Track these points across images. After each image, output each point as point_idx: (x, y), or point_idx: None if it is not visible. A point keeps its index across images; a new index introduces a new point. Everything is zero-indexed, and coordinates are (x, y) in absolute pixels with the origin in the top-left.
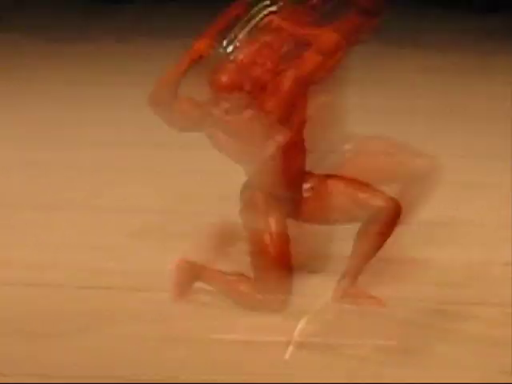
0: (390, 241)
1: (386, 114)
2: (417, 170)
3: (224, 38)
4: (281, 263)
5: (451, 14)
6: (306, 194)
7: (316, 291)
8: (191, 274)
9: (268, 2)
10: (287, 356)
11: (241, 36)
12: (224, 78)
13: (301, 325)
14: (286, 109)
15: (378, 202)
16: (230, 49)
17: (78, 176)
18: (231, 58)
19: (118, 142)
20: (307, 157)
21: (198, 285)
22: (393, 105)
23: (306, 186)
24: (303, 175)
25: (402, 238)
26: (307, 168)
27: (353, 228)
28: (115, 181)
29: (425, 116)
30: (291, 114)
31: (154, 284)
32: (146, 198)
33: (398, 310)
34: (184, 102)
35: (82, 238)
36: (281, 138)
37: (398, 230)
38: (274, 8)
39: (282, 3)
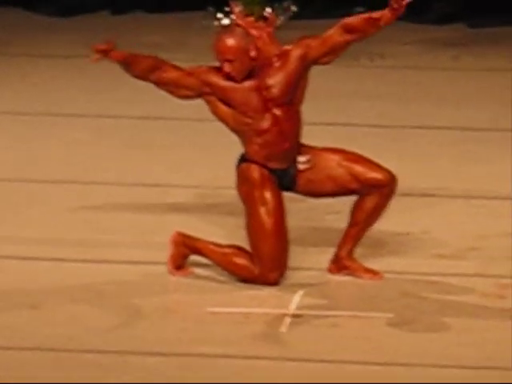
0: (386, 213)
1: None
2: (374, 183)
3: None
4: (277, 236)
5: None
6: (302, 167)
7: (312, 264)
8: (187, 247)
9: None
10: (284, 328)
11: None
12: (230, 42)
13: (297, 297)
14: (288, 86)
15: (374, 175)
16: (226, 21)
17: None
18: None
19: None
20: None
21: (194, 258)
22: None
23: (302, 158)
24: (299, 148)
25: (399, 211)
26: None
27: (349, 200)
28: (111, 154)
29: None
30: (292, 91)
31: (150, 257)
32: (142, 170)
33: (394, 283)
34: (173, 70)
35: (77, 212)
36: (278, 111)
37: (395, 203)
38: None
39: (235, 15)
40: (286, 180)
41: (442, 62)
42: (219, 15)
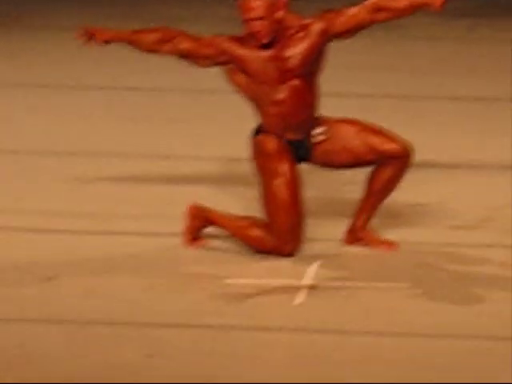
0: (402, 184)
1: (359, 96)
2: (390, 154)
3: None
4: (293, 208)
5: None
6: (318, 138)
7: (328, 235)
8: (202, 219)
9: None
10: (300, 299)
11: None
12: (255, 2)
13: (313, 269)
14: (306, 59)
15: (390, 146)
16: None
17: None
18: None
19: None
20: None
21: (210, 229)
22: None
23: (318, 130)
24: (315, 119)
25: (414, 182)
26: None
27: (364, 172)
28: (125, 127)
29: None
30: (310, 64)
31: (166, 229)
32: (156, 142)
33: (410, 254)
34: (187, 41)
35: (92, 184)
36: (295, 82)
37: (410, 174)
38: None
39: None
40: (302, 151)
41: (456, 33)
42: None
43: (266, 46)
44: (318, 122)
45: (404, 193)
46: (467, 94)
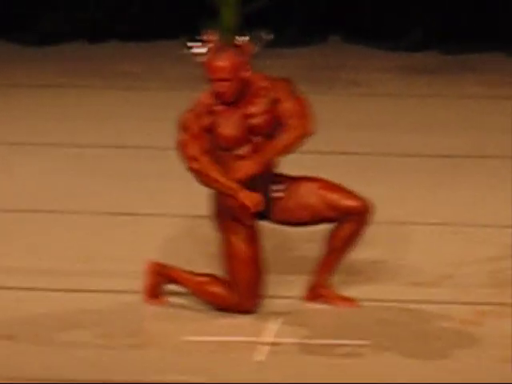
0: (362, 241)
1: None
2: (349, 210)
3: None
4: (253, 265)
5: (379, 51)
6: (277, 195)
7: (289, 292)
8: (162, 276)
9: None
10: (261, 357)
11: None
12: (227, 60)
13: (274, 325)
14: (269, 117)
15: (349, 203)
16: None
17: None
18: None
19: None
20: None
21: (170, 287)
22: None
23: (277, 186)
24: (274, 176)
25: (374, 239)
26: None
27: (324, 229)
28: (85, 183)
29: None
30: (272, 123)
31: (126, 286)
32: (116, 199)
33: (371, 310)
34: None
35: (52, 242)
36: (258, 140)
37: (370, 230)
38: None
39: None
40: (261, 212)
41: (416, 89)
42: (194, 44)
43: (231, 103)
44: (276, 179)
45: (364, 250)
46: (428, 150)
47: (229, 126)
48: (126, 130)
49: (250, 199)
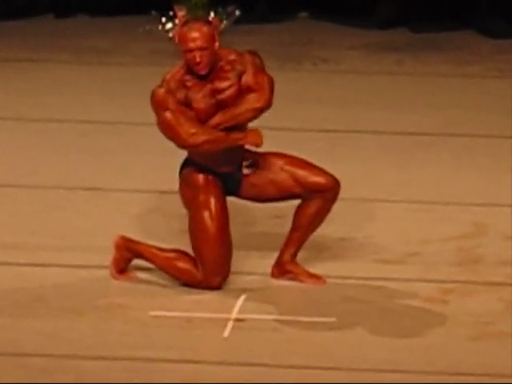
0: (329, 217)
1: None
2: (316, 187)
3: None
4: (220, 241)
5: (348, 28)
6: (246, 171)
7: (255, 268)
8: (130, 251)
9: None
10: (226, 333)
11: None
12: (203, 29)
13: (240, 302)
14: (237, 92)
15: (317, 179)
16: (169, 25)
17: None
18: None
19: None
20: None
21: (137, 262)
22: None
23: (246, 162)
24: (243, 153)
25: (342, 216)
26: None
27: (291, 205)
28: (53, 158)
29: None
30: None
31: (93, 261)
32: (84, 174)
33: (336, 287)
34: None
35: (19, 216)
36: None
37: (337, 207)
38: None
39: (178, 19)
40: (230, 184)
41: (385, 67)
42: (163, 19)
43: (202, 77)
44: (245, 155)
45: (330, 226)
46: (395, 127)
47: (199, 101)
48: (93, 105)
49: (257, 136)
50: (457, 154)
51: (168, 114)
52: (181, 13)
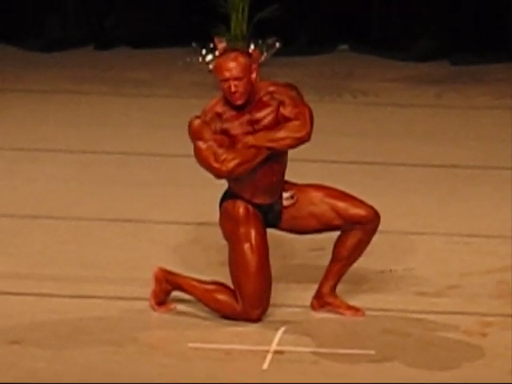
0: (369, 250)
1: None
2: (356, 219)
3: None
4: (260, 273)
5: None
6: (286, 203)
7: (295, 301)
8: (169, 283)
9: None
10: (266, 365)
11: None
12: (238, 59)
13: (279, 334)
14: (275, 122)
15: (357, 211)
16: (210, 57)
17: (57, 186)
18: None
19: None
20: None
21: (176, 294)
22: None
23: (286, 194)
24: (283, 184)
25: (381, 248)
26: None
27: (331, 237)
28: (94, 190)
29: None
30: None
31: (133, 293)
32: (124, 206)
33: (376, 320)
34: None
35: (60, 248)
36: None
37: (377, 240)
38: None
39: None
40: (270, 216)
41: (424, 99)
42: (203, 51)
43: (239, 108)
44: (285, 187)
45: (370, 258)
46: (435, 160)
47: (236, 127)
48: (133, 137)
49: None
50: (497, 187)
51: (201, 144)
52: (221, 45)
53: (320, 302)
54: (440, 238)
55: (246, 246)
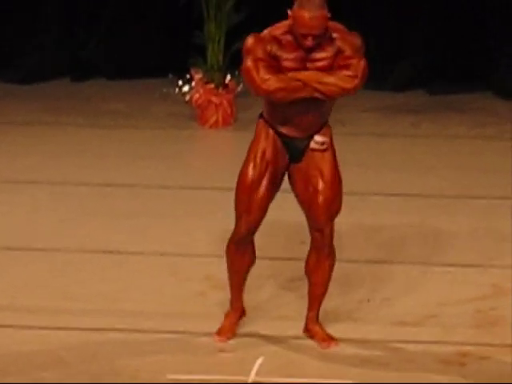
0: (347, 280)
1: None
2: (313, 223)
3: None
4: (249, 189)
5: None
6: (314, 146)
7: (274, 331)
8: None
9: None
10: None
11: (197, 76)
12: (321, 17)
13: (258, 364)
14: (332, 64)
15: (317, 218)
16: (186, 88)
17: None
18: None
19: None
20: None
21: (160, 322)
22: None
23: (319, 138)
24: (319, 127)
25: (360, 278)
26: None
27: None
28: (73, 221)
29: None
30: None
31: (113, 324)
32: (104, 237)
33: (355, 349)
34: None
35: (40, 279)
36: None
37: (355, 269)
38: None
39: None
40: (293, 151)
41: (401, 129)
42: (179, 82)
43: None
44: (324, 132)
45: (349, 288)
46: (412, 190)
47: (289, 61)
48: (111, 168)
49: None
50: (474, 217)
51: (249, 61)
52: (197, 75)
53: (304, 327)
54: (417, 268)
55: (252, 161)
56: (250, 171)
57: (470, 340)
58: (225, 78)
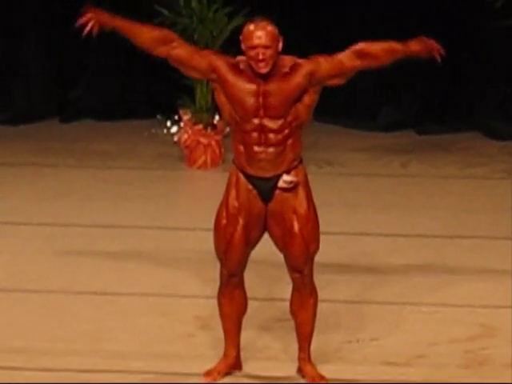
0: (336, 320)
1: None
2: (290, 264)
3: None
4: (223, 236)
5: (352, 130)
6: (282, 185)
7: (261, 371)
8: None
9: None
10: None
11: (186, 117)
12: (269, 28)
13: None
14: (286, 99)
15: (290, 265)
16: (174, 129)
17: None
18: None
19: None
20: None
21: (154, 365)
22: None
23: (287, 177)
24: (287, 164)
25: (349, 318)
26: None
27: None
28: (60, 262)
29: (334, 235)
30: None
31: (99, 365)
32: (90, 278)
33: None
34: (185, 48)
35: (26, 320)
36: (266, 120)
37: (345, 310)
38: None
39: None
40: (262, 191)
41: (390, 169)
42: (168, 123)
43: (250, 79)
44: (293, 172)
45: (338, 328)
46: (401, 230)
47: (243, 100)
48: (99, 209)
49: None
50: (463, 256)
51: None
52: (186, 116)
53: (297, 367)
54: (407, 308)
55: (223, 209)
56: (224, 218)
57: (460, 380)
58: (213, 118)
